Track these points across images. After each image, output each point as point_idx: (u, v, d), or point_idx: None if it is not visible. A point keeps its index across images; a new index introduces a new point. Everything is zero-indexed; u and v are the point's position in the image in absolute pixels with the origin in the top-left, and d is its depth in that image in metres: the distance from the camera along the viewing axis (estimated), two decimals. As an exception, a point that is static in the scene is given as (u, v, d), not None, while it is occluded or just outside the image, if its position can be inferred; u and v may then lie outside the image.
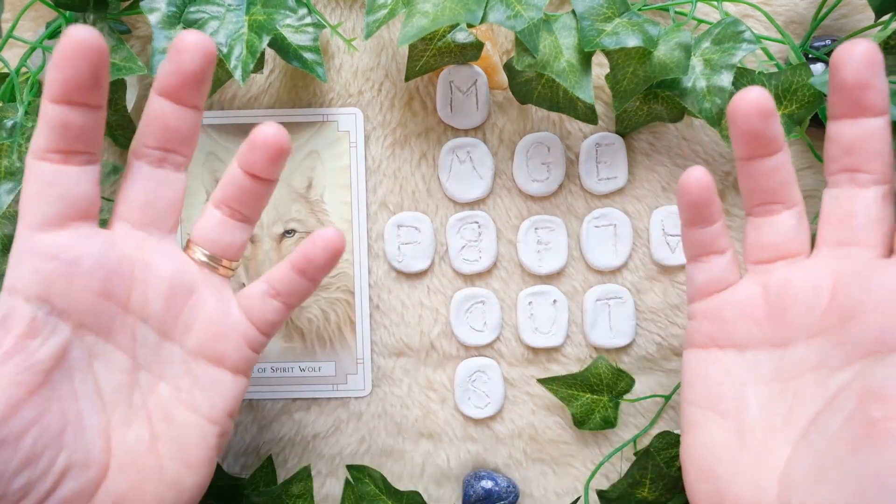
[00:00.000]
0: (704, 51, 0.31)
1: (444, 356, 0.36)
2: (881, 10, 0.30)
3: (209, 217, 0.27)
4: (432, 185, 0.36)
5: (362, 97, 0.36)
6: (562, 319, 0.36)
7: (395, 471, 0.36)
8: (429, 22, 0.29)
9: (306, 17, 0.32)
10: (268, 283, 0.28)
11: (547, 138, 0.35)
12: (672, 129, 0.36)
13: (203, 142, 0.36)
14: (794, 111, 0.30)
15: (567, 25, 0.31)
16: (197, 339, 0.27)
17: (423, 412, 0.36)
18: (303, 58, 0.32)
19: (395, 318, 0.36)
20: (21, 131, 0.32)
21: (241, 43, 0.30)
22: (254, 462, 0.37)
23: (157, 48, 0.30)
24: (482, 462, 0.36)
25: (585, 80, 0.30)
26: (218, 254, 0.27)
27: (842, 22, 0.35)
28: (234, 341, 0.27)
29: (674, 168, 0.36)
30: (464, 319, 0.36)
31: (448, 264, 0.36)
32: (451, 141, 0.36)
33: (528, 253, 0.36)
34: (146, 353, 0.26)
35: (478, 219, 0.36)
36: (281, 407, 0.37)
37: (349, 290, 0.36)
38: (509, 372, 0.36)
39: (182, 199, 0.27)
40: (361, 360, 0.36)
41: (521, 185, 0.36)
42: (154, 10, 0.30)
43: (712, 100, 0.30)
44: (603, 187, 0.36)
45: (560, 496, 0.36)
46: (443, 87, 0.35)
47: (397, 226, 0.36)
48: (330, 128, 0.36)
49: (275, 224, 0.36)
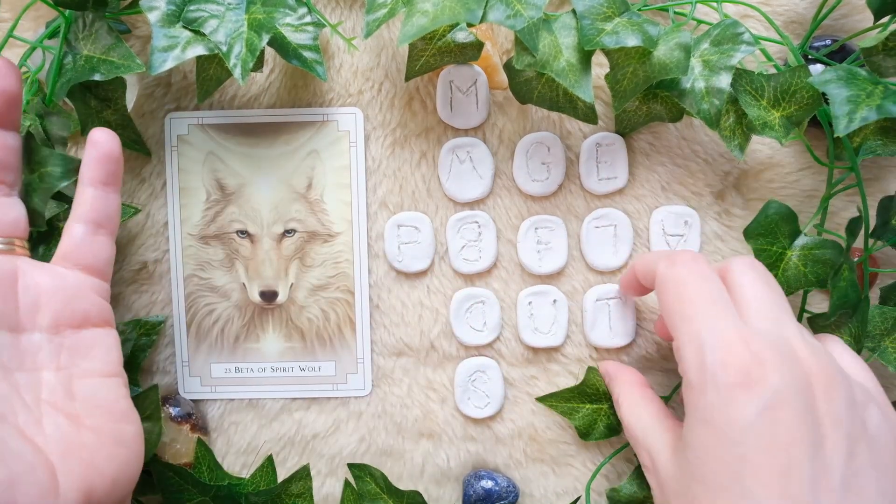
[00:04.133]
0: (703, 52, 0.31)
1: (444, 356, 0.36)
2: (880, 12, 0.30)
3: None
4: (432, 185, 0.36)
5: (362, 97, 0.36)
6: (562, 319, 0.36)
7: (395, 471, 0.36)
8: (429, 21, 0.29)
9: (306, 16, 0.32)
10: (81, 222, 0.29)
11: (547, 138, 0.35)
12: (672, 129, 0.36)
13: (203, 141, 0.36)
14: (792, 113, 0.30)
15: (567, 25, 0.31)
16: (51, 315, 0.27)
17: (423, 412, 0.36)
18: (302, 57, 0.32)
19: (395, 318, 0.36)
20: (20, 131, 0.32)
21: (240, 42, 0.30)
22: (254, 461, 0.37)
23: (156, 47, 0.29)
24: (482, 462, 0.36)
25: (585, 79, 0.30)
26: (5, 234, 0.28)
27: (842, 22, 0.35)
28: (86, 297, 0.28)
29: (674, 168, 0.36)
30: (464, 319, 0.36)
31: (448, 264, 0.36)
32: (451, 141, 0.36)
33: (528, 253, 0.36)
34: (7, 356, 0.26)
35: (478, 219, 0.36)
36: (281, 406, 0.37)
37: (349, 290, 0.36)
38: (509, 372, 0.36)
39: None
40: (361, 360, 0.36)
41: (521, 185, 0.36)
42: (153, 9, 0.30)
43: (710, 101, 0.30)
44: (603, 187, 0.36)
45: (560, 496, 0.36)
46: (443, 87, 0.35)
47: (397, 226, 0.36)
48: (330, 127, 0.36)
49: (275, 224, 0.36)
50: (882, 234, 0.32)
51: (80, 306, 0.28)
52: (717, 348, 0.26)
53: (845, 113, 0.28)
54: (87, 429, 0.26)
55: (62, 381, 0.27)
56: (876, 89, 0.28)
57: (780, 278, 0.31)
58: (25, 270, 0.27)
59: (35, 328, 0.27)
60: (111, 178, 0.30)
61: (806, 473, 0.24)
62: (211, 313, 0.36)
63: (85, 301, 0.28)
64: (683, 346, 0.27)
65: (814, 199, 0.35)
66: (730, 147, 0.31)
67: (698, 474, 0.26)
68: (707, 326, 0.26)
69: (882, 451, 0.26)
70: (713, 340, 0.26)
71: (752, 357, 0.25)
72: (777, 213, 0.31)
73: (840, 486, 0.24)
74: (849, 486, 0.24)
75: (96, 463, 0.26)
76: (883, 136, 0.31)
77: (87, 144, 0.29)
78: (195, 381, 0.36)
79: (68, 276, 0.28)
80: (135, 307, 0.36)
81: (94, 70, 0.31)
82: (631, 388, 0.33)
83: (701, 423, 0.26)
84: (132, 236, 0.36)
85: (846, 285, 0.31)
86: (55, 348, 0.27)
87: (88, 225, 0.29)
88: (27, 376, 0.26)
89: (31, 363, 0.26)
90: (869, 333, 0.32)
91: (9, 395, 0.25)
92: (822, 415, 0.25)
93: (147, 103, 0.36)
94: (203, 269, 0.36)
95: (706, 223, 0.36)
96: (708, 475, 0.25)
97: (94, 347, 0.28)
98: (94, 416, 0.27)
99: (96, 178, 0.29)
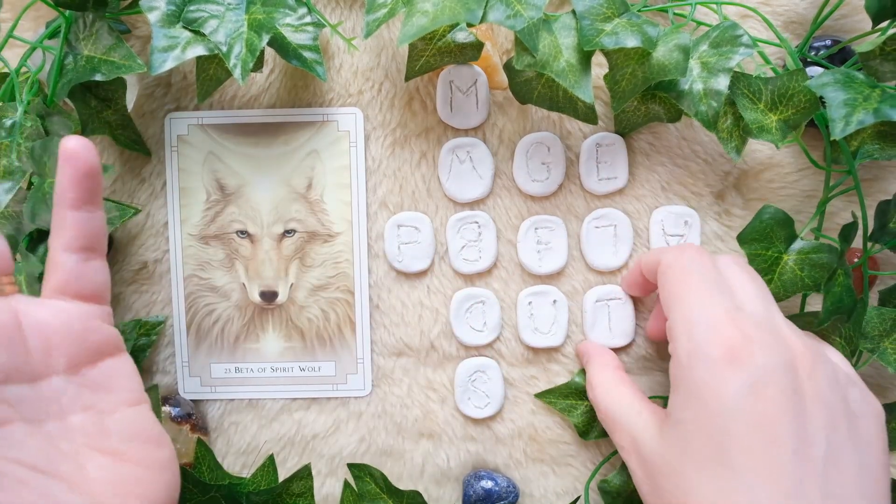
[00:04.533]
0: (702, 54, 0.31)
1: (444, 356, 0.36)
2: (878, 16, 0.30)
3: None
4: (432, 185, 0.36)
5: (362, 97, 0.36)
6: (562, 319, 0.36)
7: (395, 471, 0.36)
8: (429, 21, 0.29)
9: (306, 17, 0.32)
10: (71, 251, 0.27)
11: (547, 138, 0.35)
12: (672, 129, 0.36)
13: (203, 141, 0.36)
14: (789, 116, 0.30)
15: (567, 25, 0.31)
16: (65, 356, 0.26)
17: (423, 412, 0.36)
18: (302, 57, 0.32)
19: (395, 318, 0.36)
20: (20, 131, 0.32)
21: (240, 42, 0.30)
22: (254, 461, 0.37)
23: (156, 47, 0.29)
24: (482, 462, 0.36)
25: (585, 79, 0.30)
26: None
27: (842, 22, 0.35)
28: (96, 329, 0.27)
29: (674, 168, 0.36)
30: (464, 319, 0.36)
31: (448, 264, 0.36)
32: (451, 141, 0.36)
33: (528, 253, 0.36)
34: (32, 408, 0.25)
35: (478, 219, 0.36)
36: (281, 407, 0.37)
37: (349, 290, 0.36)
38: (509, 372, 0.36)
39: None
40: (361, 360, 0.36)
41: (521, 185, 0.36)
42: (153, 9, 0.30)
43: (708, 103, 0.30)
44: (603, 187, 0.36)
45: (560, 496, 0.36)
46: (443, 87, 0.35)
47: (397, 226, 0.36)
48: (330, 128, 0.36)
49: (275, 224, 0.36)
50: (880, 237, 0.32)
51: (92, 339, 0.26)
52: (706, 326, 0.27)
53: (842, 116, 0.28)
54: (129, 462, 0.26)
55: (93, 421, 0.26)
56: (873, 93, 0.28)
57: (777, 282, 0.32)
58: (25, 311, 0.25)
59: (52, 372, 0.25)
60: (93, 196, 0.27)
61: (789, 447, 0.25)
62: (211, 313, 0.36)
63: (96, 333, 0.27)
64: (675, 325, 0.28)
65: (813, 200, 0.35)
66: (727, 149, 0.32)
67: (685, 449, 0.26)
68: (698, 306, 0.28)
69: (861, 428, 0.27)
70: (703, 318, 0.27)
71: (740, 335, 0.26)
72: (772, 217, 0.31)
73: (822, 459, 0.25)
74: (830, 460, 0.25)
75: (146, 494, 0.26)
76: (880, 140, 0.31)
77: (62, 158, 0.26)
78: (195, 381, 0.36)
79: (72, 311, 0.26)
80: (135, 307, 0.36)
81: (95, 70, 0.31)
82: (604, 370, 0.33)
83: (689, 397, 0.27)
84: (132, 236, 0.36)
85: (840, 290, 0.31)
86: (77, 389, 0.26)
87: (79, 253, 0.27)
88: (57, 424, 0.25)
89: (57, 410, 0.25)
90: (868, 335, 0.32)
91: (45, 448, 0.24)
92: (806, 392, 0.26)
93: (147, 103, 0.36)
94: (203, 269, 0.36)
95: (706, 223, 0.36)
96: (694, 449, 0.26)
97: (114, 378, 0.27)
98: (133, 448, 0.26)
99: (78, 199, 0.26)
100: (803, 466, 0.25)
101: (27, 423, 0.24)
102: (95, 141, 0.36)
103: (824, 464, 0.25)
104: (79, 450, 0.25)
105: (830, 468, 0.25)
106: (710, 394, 0.26)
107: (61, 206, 0.26)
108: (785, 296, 0.31)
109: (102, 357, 0.27)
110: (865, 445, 0.27)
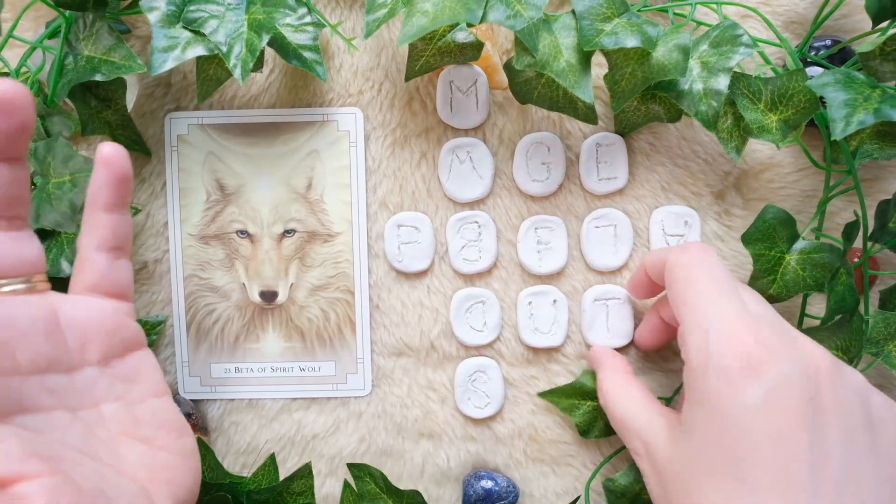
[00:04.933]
0: (702, 54, 0.31)
1: (444, 356, 0.36)
2: (878, 17, 0.30)
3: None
4: (432, 185, 0.36)
5: (362, 97, 0.36)
6: (562, 319, 0.36)
7: (395, 471, 0.36)
8: (429, 21, 0.29)
9: (306, 17, 0.32)
10: (104, 250, 0.28)
11: (547, 138, 0.35)
12: (672, 129, 0.36)
13: (203, 141, 0.36)
14: (789, 116, 0.30)
15: (567, 25, 0.31)
16: (99, 349, 0.27)
17: (423, 412, 0.36)
18: (302, 57, 0.32)
19: (395, 318, 0.36)
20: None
21: (240, 42, 0.30)
22: (254, 461, 0.37)
23: (156, 47, 0.29)
24: (482, 462, 0.36)
25: (585, 79, 0.30)
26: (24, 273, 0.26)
27: (842, 22, 0.35)
28: (125, 325, 0.28)
29: (674, 168, 0.36)
30: (464, 319, 0.36)
31: (448, 264, 0.36)
32: (451, 141, 0.36)
33: (528, 253, 0.36)
34: (70, 397, 0.25)
35: (478, 219, 0.36)
36: (281, 406, 0.37)
37: (349, 290, 0.36)
38: (509, 372, 0.36)
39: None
40: (361, 360, 0.36)
41: (521, 185, 0.36)
42: (153, 9, 0.30)
43: (708, 103, 0.30)
44: (603, 187, 0.36)
45: (560, 496, 0.36)
46: (443, 87, 0.35)
47: (397, 226, 0.36)
48: (330, 127, 0.36)
49: (275, 224, 0.36)
50: (880, 237, 0.32)
51: (122, 335, 0.28)
52: (722, 333, 0.26)
53: (842, 116, 0.28)
54: (160, 449, 0.27)
55: (124, 410, 0.27)
56: (873, 93, 0.28)
57: (779, 282, 0.31)
58: (61, 307, 0.26)
59: (85, 364, 0.26)
60: (124, 199, 0.28)
61: (806, 461, 0.24)
62: (211, 313, 0.36)
63: (125, 329, 0.28)
64: (688, 331, 0.27)
65: (814, 200, 0.35)
66: (727, 149, 0.32)
67: (698, 458, 0.26)
68: (713, 312, 0.27)
69: (881, 438, 0.26)
70: (718, 325, 0.26)
71: (757, 343, 0.25)
72: (775, 217, 0.31)
73: (840, 473, 0.24)
74: (849, 474, 0.24)
75: (178, 480, 0.27)
76: (880, 140, 0.31)
77: (98, 163, 0.27)
78: (195, 381, 0.36)
79: (105, 307, 0.28)
80: (135, 307, 0.36)
81: (96, 70, 0.31)
82: (615, 375, 0.33)
83: (703, 407, 0.26)
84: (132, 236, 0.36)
85: (843, 289, 0.31)
86: (108, 380, 0.27)
87: (109, 252, 0.28)
88: (92, 413, 0.26)
89: (90, 400, 0.26)
90: (872, 338, 0.32)
91: (86, 435, 0.25)
92: (825, 402, 0.25)
93: (147, 103, 0.36)
94: (203, 269, 0.36)
95: (706, 223, 0.36)
96: (708, 459, 0.25)
97: (140, 370, 0.28)
98: (162, 436, 0.27)
99: (112, 202, 0.28)
100: (820, 482, 0.24)
101: (68, 410, 0.25)
102: (95, 141, 0.36)
103: (842, 479, 0.24)
104: (114, 437, 0.26)
105: (849, 483, 0.24)
106: (724, 403, 0.25)
107: (94, 208, 0.28)
108: (787, 296, 0.31)
109: (130, 350, 0.28)
110: (886, 455, 0.26)
